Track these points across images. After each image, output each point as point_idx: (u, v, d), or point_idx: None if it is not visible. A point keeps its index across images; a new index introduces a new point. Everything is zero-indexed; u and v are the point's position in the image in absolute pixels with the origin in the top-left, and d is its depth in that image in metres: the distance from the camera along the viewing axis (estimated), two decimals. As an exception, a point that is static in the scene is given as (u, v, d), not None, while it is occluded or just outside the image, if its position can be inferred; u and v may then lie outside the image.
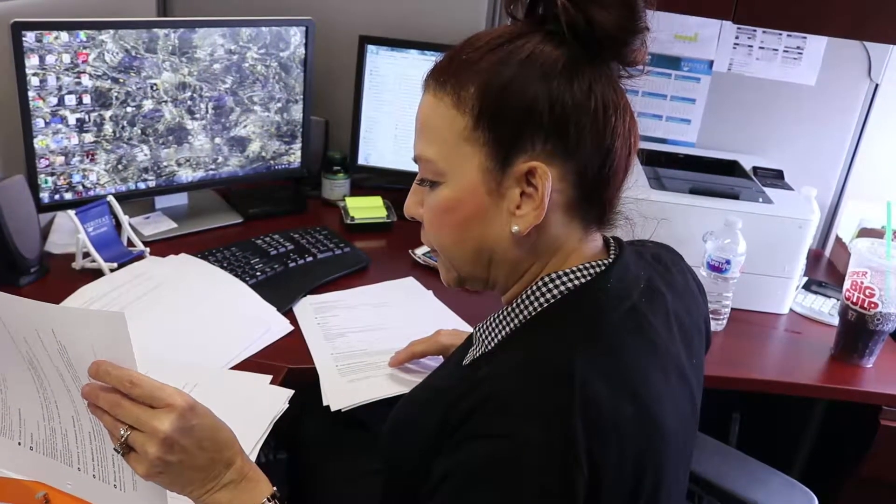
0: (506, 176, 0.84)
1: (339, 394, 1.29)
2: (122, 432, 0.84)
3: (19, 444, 1.03)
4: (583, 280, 0.86)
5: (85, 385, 0.86)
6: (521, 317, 0.88)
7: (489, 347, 0.90)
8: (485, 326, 0.92)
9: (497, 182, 0.85)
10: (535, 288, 0.87)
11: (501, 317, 0.90)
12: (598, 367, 0.79)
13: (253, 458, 1.11)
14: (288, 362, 1.37)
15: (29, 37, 1.52)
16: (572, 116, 0.82)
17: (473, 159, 0.85)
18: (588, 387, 0.76)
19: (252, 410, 1.20)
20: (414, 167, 0.92)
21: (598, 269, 0.87)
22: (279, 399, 1.22)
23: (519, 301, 0.88)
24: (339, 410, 1.26)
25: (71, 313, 0.92)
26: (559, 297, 0.86)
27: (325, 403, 1.28)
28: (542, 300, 0.87)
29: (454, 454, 0.78)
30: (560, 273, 0.87)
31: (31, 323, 0.89)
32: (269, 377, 1.29)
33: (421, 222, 0.93)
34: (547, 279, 0.87)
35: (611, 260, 0.89)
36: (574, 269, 0.87)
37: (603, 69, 0.85)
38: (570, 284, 0.86)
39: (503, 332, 0.89)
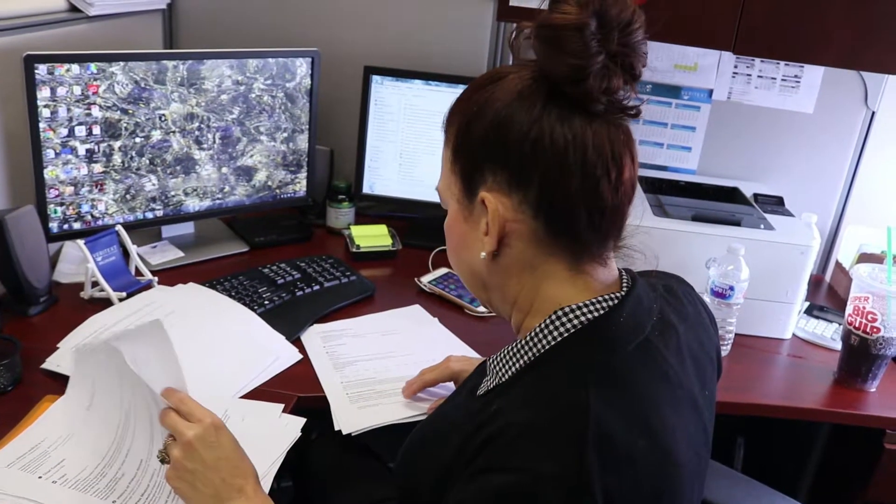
0: (473, 205, 0.91)
1: (350, 418, 1.30)
2: (166, 440, 1.00)
3: (40, 478, 1.07)
4: (596, 314, 0.87)
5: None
6: (534, 350, 0.88)
7: (503, 379, 0.91)
8: (499, 358, 0.93)
9: (469, 211, 0.92)
10: (548, 321, 0.88)
11: (516, 349, 0.91)
12: (612, 402, 0.80)
13: (267, 485, 1.12)
14: (297, 391, 1.38)
15: (41, 69, 1.54)
16: (514, 145, 0.85)
17: (455, 190, 0.93)
18: (602, 421, 0.77)
19: (266, 439, 1.21)
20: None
21: (611, 303, 0.88)
22: (292, 427, 1.23)
23: (533, 334, 0.89)
24: (350, 436, 1.27)
25: (125, 336, 1.01)
26: (572, 330, 0.87)
27: (336, 428, 1.29)
28: (555, 333, 0.87)
29: (468, 486, 0.79)
30: (574, 307, 0.88)
31: (120, 363, 1.00)
32: (282, 406, 1.30)
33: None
34: (560, 313, 0.88)
35: (623, 293, 0.90)
36: (587, 302, 0.88)
37: (558, 101, 0.85)
38: (583, 318, 0.87)
39: (517, 365, 0.90)
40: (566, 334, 0.87)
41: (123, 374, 1.03)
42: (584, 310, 0.87)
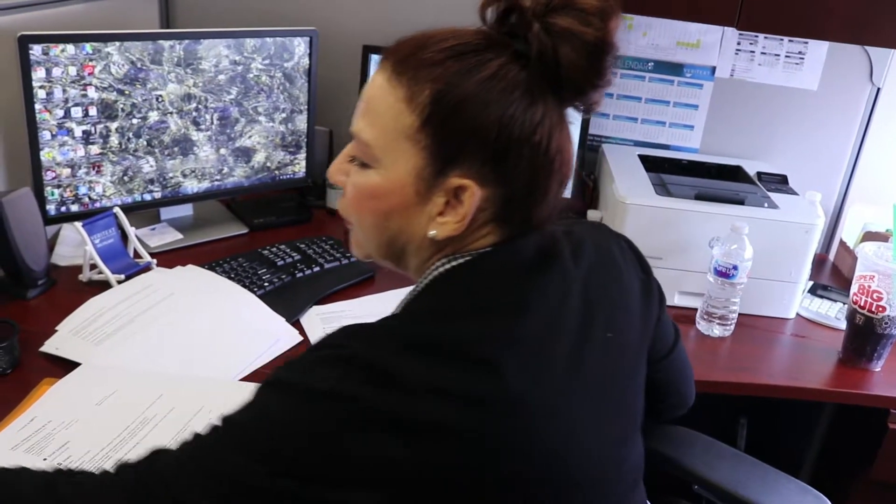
0: (436, 184, 0.85)
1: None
2: None
3: (45, 459, 1.08)
4: (470, 258, 0.88)
5: None
6: (415, 292, 0.91)
7: None
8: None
9: (427, 187, 0.85)
10: (431, 262, 0.90)
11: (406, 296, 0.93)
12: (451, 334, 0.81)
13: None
14: (298, 372, 1.37)
15: (36, 50, 1.52)
16: (515, 147, 0.82)
17: (410, 158, 0.85)
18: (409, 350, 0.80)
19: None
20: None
21: (484, 252, 0.89)
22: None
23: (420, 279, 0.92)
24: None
25: None
26: (444, 272, 0.88)
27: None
28: (431, 277, 0.89)
29: None
30: (447, 258, 0.89)
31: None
32: (281, 388, 1.29)
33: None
34: (442, 255, 0.89)
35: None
36: (463, 253, 0.89)
37: (556, 103, 0.84)
38: (461, 260, 0.88)
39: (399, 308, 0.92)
40: (437, 275, 0.89)
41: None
42: (464, 253, 0.89)
